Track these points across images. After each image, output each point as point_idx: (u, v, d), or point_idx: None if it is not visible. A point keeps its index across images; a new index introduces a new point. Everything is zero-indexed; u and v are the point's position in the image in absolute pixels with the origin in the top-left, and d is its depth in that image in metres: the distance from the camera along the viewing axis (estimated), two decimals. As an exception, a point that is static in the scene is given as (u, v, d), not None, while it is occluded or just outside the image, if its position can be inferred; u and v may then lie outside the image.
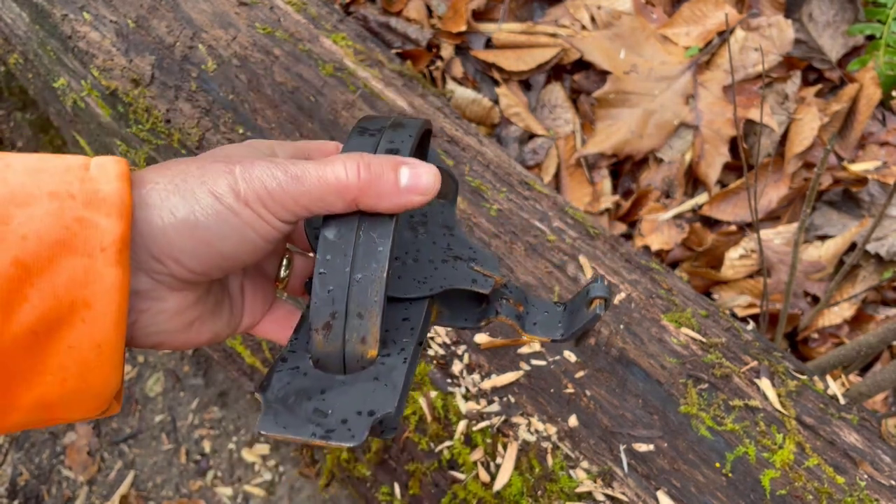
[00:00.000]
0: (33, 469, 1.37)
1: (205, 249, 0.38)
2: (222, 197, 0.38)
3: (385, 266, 0.38)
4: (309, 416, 0.36)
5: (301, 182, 0.38)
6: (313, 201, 0.39)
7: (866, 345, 0.96)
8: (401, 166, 0.40)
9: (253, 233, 0.39)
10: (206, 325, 0.43)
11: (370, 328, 0.38)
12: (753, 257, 1.30)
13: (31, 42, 1.12)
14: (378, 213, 0.40)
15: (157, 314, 0.40)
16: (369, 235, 0.39)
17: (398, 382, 0.38)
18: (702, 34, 1.42)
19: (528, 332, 0.46)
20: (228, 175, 0.39)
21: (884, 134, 1.40)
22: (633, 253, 0.99)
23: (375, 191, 0.38)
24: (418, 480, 0.85)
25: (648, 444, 0.79)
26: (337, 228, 0.40)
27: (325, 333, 0.39)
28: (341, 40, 1.10)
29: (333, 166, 0.39)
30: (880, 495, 0.77)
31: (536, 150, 1.41)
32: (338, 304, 0.38)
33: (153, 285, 0.39)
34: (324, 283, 0.39)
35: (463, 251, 0.48)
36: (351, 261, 0.39)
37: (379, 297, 0.38)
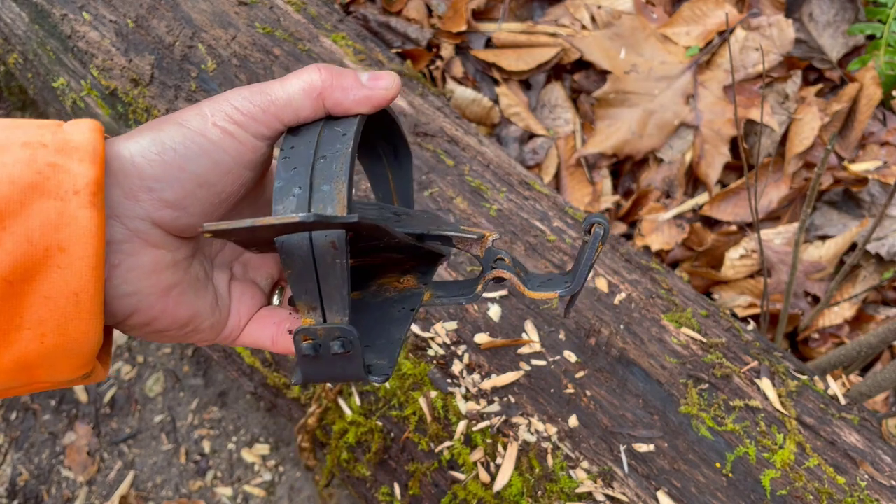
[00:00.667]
0: (33, 469, 1.37)
1: (176, 173, 0.38)
2: (187, 122, 0.38)
3: (350, 144, 0.38)
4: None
5: (266, 92, 0.39)
6: (281, 108, 0.39)
7: (867, 345, 0.96)
8: (359, 72, 0.42)
9: (223, 152, 0.39)
10: (186, 297, 0.42)
11: (337, 196, 0.36)
12: (754, 257, 1.30)
13: (31, 42, 1.12)
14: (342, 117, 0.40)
15: (130, 270, 0.38)
16: (333, 129, 0.39)
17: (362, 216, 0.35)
18: (702, 34, 1.42)
19: (531, 290, 0.45)
20: (194, 108, 0.39)
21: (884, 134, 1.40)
22: (633, 253, 0.99)
23: (339, 84, 0.40)
24: (418, 481, 0.85)
25: (648, 445, 0.79)
26: (302, 129, 0.40)
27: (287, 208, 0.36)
28: (341, 40, 1.10)
29: (296, 75, 0.40)
30: (881, 495, 0.77)
31: (536, 150, 1.41)
32: (301, 181, 0.37)
33: (127, 235, 0.38)
34: (287, 165, 0.38)
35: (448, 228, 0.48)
36: (315, 145, 0.38)
37: (345, 169, 0.37)
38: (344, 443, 0.90)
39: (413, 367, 0.84)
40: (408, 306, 0.45)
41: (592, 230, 0.43)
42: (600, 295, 0.90)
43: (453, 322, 0.86)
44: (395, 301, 0.46)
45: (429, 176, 0.97)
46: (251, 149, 0.40)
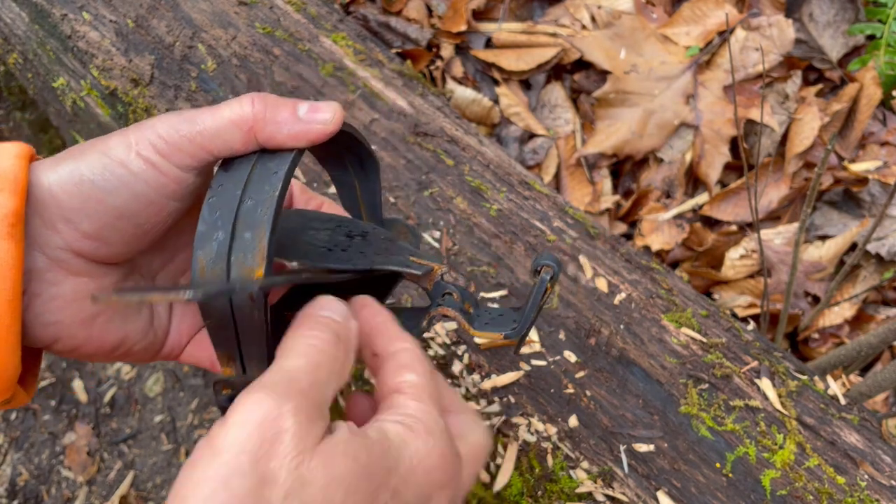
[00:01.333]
0: (33, 469, 1.37)
1: (94, 206, 0.36)
2: (110, 151, 0.36)
3: (279, 187, 0.35)
4: (155, 288, 0.33)
5: (195, 121, 0.37)
6: (210, 139, 0.37)
7: (867, 345, 0.96)
8: (299, 102, 0.39)
9: (144, 185, 0.37)
10: (113, 325, 0.40)
11: (257, 245, 0.34)
12: (754, 257, 1.30)
13: (31, 42, 1.12)
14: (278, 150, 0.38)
15: (51, 300, 0.37)
16: (266, 166, 0.37)
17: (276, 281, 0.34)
18: (702, 34, 1.42)
19: (477, 329, 0.44)
20: (120, 134, 0.37)
21: (884, 134, 1.40)
22: (633, 253, 0.99)
23: (273, 117, 0.37)
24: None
25: (648, 445, 0.79)
26: (234, 163, 0.37)
27: (208, 257, 0.35)
28: (341, 40, 1.10)
29: (228, 104, 0.38)
30: (881, 496, 0.77)
31: (536, 150, 1.41)
32: (224, 226, 0.35)
33: (48, 265, 0.37)
34: (212, 208, 0.36)
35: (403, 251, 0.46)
36: (243, 186, 0.36)
37: (269, 215, 0.35)
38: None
39: (413, 367, 0.84)
40: None
41: (541, 273, 0.41)
42: (600, 295, 0.90)
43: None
44: None
45: (429, 176, 0.97)
46: (175, 180, 0.37)
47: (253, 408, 0.32)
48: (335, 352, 0.37)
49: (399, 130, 1.01)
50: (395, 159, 0.99)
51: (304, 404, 0.33)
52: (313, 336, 0.36)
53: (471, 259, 0.91)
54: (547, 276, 0.41)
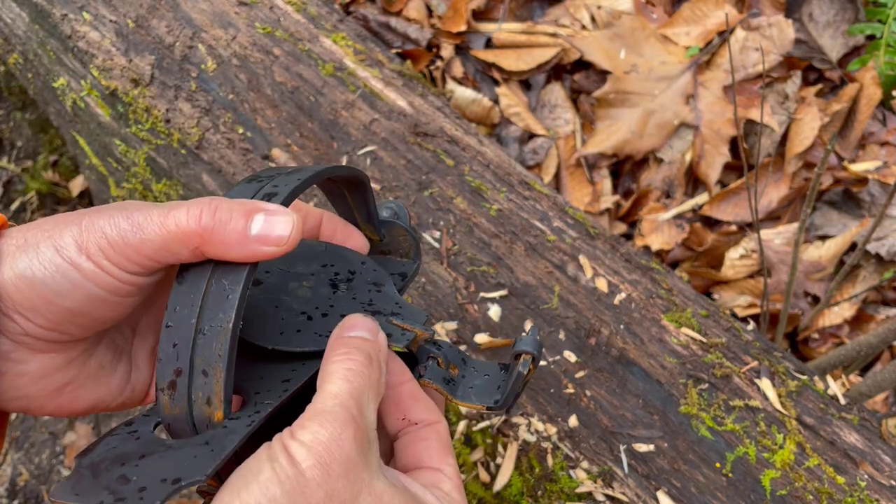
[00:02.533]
0: (33, 469, 1.37)
1: (46, 306, 0.35)
2: (63, 250, 0.35)
3: (232, 317, 0.35)
4: (110, 483, 0.32)
5: (142, 230, 0.35)
6: (156, 251, 0.35)
7: (866, 345, 0.96)
8: (255, 213, 0.36)
9: (97, 287, 0.36)
10: (82, 391, 0.40)
11: (214, 387, 0.34)
12: (754, 257, 1.30)
13: (31, 42, 1.12)
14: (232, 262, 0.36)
15: (18, 377, 0.37)
16: (220, 283, 0.36)
17: (226, 448, 0.33)
18: (702, 34, 1.42)
19: (459, 399, 0.43)
20: (75, 227, 0.36)
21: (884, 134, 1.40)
22: (633, 253, 0.99)
23: (220, 239, 0.35)
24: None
25: (648, 444, 0.79)
26: (188, 277, 0.36)
27: (170, 394, 0.35)
28: (341, 40, 1.10)
29: (177, 212, 0.35)
30: (880, 495, 0.77)
31: (536, 150, 1.41)
32: (182, 360, 0.35)
33: (12, 346, 0.36)
34: (169, 337, 0.35)
35: (386, 306, 0.44)
36: (198, 311, 0.35)
37: (224, 351, 0.34)
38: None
39: (413, 367, 0.84)
40: None
41: (520, 361, 0.41)
42: (600, 295, 0.90)
43: (453, 322, 0.86)
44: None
45: (429, 176, 0.97)
46: (127, 282, 0.36)
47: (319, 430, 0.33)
48: (371, 372, 0.37)
49: (399, 130, 1.01)
50: (395, 159, 0.99)
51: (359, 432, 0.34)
52: (349, 360, 0.37)
53: (471, 259, 0.91)
54: (524, 368, 0.40)
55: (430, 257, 0.90)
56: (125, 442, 0.35)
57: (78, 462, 0.34)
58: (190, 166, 1.00)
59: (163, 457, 0.33)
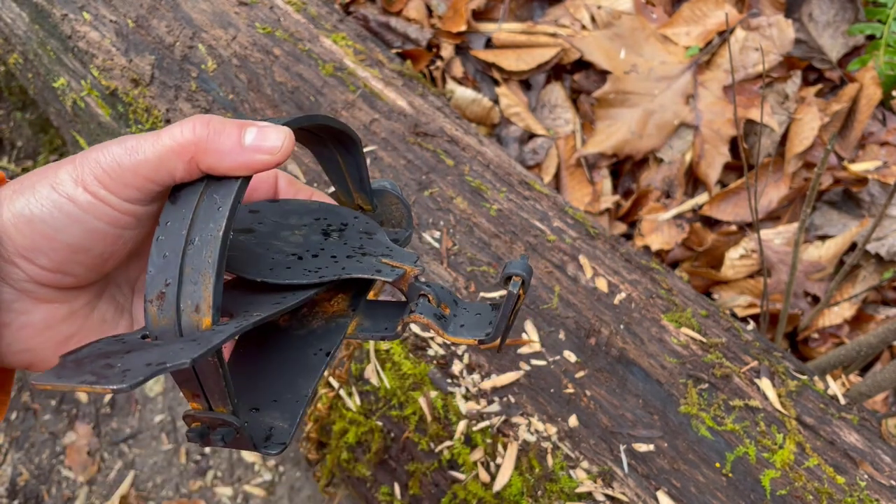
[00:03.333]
0: (33, 469, 1.37)
1: (47, 243, 0.36)
2: (59, 185, 0.35)
3: (223, 226, 0.35)
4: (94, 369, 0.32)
5: (136, 152, 0.35)
6: (152, 170, 0.35)
7: (866, 345, 0.96)
8: (247, 126, 0.37)
9: (96, 220, 0.36)
10: None
11: (203, 294, 0.34)
12: (754, 257, 1.30)
13: (31, 42, 1.12)
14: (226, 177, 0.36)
15: (22, 329, 0.37)
16: (212, 197, 0.36)
17: (213, 341, 0.33)
18: (702, 34, 1.42)
19: (450, 334, 0.43)
20: (70, 164, 0.36)
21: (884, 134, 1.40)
22: (633, 253, 0.99)
23: (215, 148, 0.35)
24: (418, 480, 0.85)
25: (648, 444, 0.79)
26: (180, 196, 0.37)
27: (158, 304, 0.35)
28: (341, 40, 1.10)
29: (170, 128, 0.36)
30: (880, 495, 0.77)
31: (536, 150, 1.41)
32: (171, 271, 0.35)
33: (16, 295, 0.36)
34: (160, 249, 0.35)
35: (377, 250, 0.45)
36: (189, 223, 0.35)
37: (213, 258, 0.34)
38: (344, 443, 0.90)
39: (413, 367, 0.84)
40: (325, 347, 0.43)
41: (510, 283, 0.41)
42: (600, 295, 0.90)
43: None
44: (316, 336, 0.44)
45: (429, 176, 0.97)
46: (126, 212, 0.37)
47: None
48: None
49: (399, 130, 1.01)
50: (395, 159, 0.99)
51: None
52: None
53: (471, 259, 0.91)
54: (515, 288, 0.40)
55: (430, 257, 0.90)
56: (111, 345, 0.35)
57: (62, 358, 0.34)
58: (190, 166, 1.00)
59: (149, 350, 0.33)
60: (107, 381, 0.30)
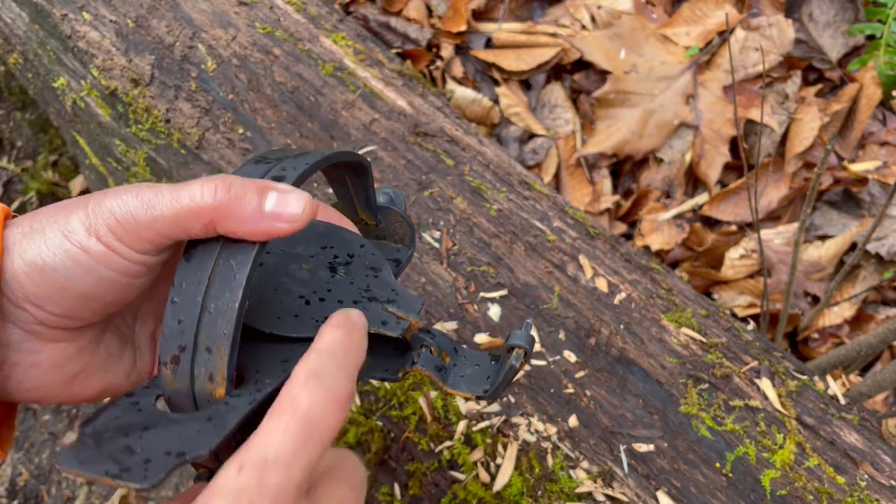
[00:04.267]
0: (33, 469, 1.37)
1: (58, 293, 0.35)
2: (71, 234, 0.35)
3: (239, 297, 0.35)
4: (114, 453, 0.32)
5: (153, 206, 0.35)
6: (168, 226, 0.35)
7: (866, 345, 0.96)
8: (268, 191, 0.36)
9: (108, 270, 0.36)
10: (93, 379, 0.40)
11: (218, 364, 0.35)
12: (754, 257, 1.30)
13: (31, 42, 1.12)
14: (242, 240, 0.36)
15: (31, 368, 0.37)
16: (228, 263, 0.36)
17: (229, 424, 0.34)
18: (702, 34, 1.42)
19: (450, 387, 0.43)
20: (82, 210, 0.36)
21: (884, 134, 1.40)
22: (633, 253, 0.99)
23: (235, 214, 0.35)
24: (418, 480, 0.85)
25: (648, 444, 0.79)
26: (196, 254, 0.36)
27: (173, 368, 0.35)
28: (341, 40, 1.10)
29: (190, 187, 0.35)
30: (881, 495, 0.77)
31: (536, 150, 1.41)
32: (186, 337, 0.35)
33: (23, 336, 0.36)
34: (175, 313, 0.35)
35: (382, 293, 0.45)
36: (205, 289, 0.35)
37: (229, 330, 0.35)
38: (344, 443, 0.90)
39: (413, 367, 0.84)
40: None
41: (512, 354, 0.41)
42: (600, 295, 0.90)
43: (453, 322, 0.86)
44: None
45: (429, 176, 0.97)
46: (138, 262, 0.37)
47: None
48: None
49: (399, 130, 1.01)
50: (395, 159, 0.99)
51: None
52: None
53: (471, 259, 0.91)
54: (517, 361, 0.41)
55: (430, 257, 0.90)
56: (128, 413, 0.35)
57: (81, 431, 0.34)
58: (190, 166, 1.00)
59: (166, 430, 0.34)
60: (129, 475, 0.31)
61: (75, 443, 0.33)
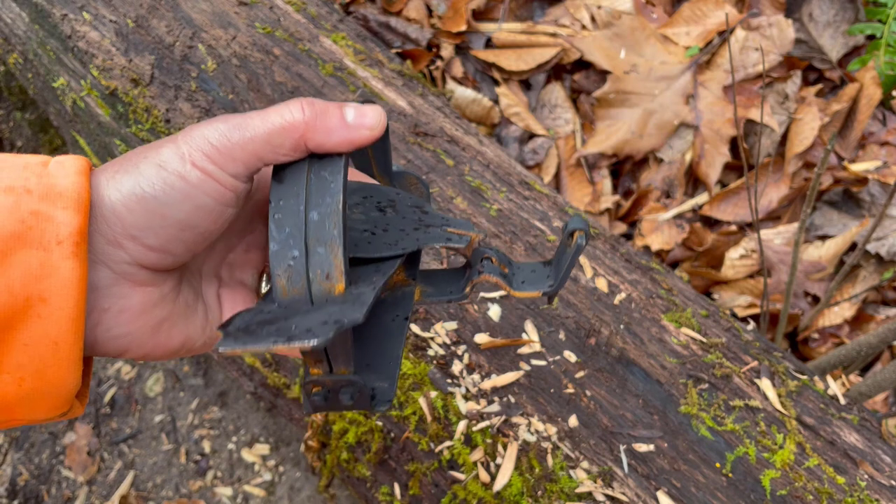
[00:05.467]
0: (33, 469, 1.37)
1: (159, 221, 0.37)
2: (166, 164, 0.37)
3: (340, 199, 0.37)
4: (271, 332, 0.34)
5: (245, 128, 0.37)
6: (260, 146, 0.37)
7: (866, 345, 0.96)
8: (345, 107, 0.39)
9: (204, 195, 0.37)
10: (176, 328, 0.42)
11: (333, 261, 0.36)
12: (754, 257, 1.30)
13: (31, 42, 1.12)
14: (326, 155, 0.39)
15: (120, 313, 0.38)
16: (320, 175, 0.38)
17: (367, 300, 0.35)
18: (702, 34, 1.42)
19: (516, 290, 0.47)
20: (171, 143, 0.38)
21: (884, 134, 1.40)
22: (633, 253, 0.99)
23: (323, 125, 0.38)
24: (418, 480, 0.85)
25: (648, 444, 0.79)
26: (287, 174, 0.39)
27: (287, 276, 0.36)
28: (341, 40, 1.10)
29: (277, 109, 0.38)
30: (880, 495, 0.77)
31: (536, 150, 1.41)
32: (296, 244, 0.37)
33: (114, 279, 0.37)
34: (280, 225, 0.37)
35: (435, 220, 0.48)
36: (304, 200, 0.37)
37: (338, 229, 0.37)
38: (344, 443, 0.90)
39: (413, 367, 0.84)
40: (402, 313, 0.45)
41: (574, 239, 0.44)
42: (600, 295, 0.90)
43: (453, 322, 0.86)
44: (388, 305, 0.46)
45: (429, 176, 0.97)
46: (231, 188, 0.38)
47: None
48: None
49: (399, 130, 1.01)
50: (395, 159, 0.99)
51: None
52: None
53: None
54: (582, 240, 0.43)
55: (431, 257, 0.90)
56: (260, 315, 0.36)
57: (224, 330, 0.35)
58: (190, 166, 1.00)
59: (309, 314, 0.35)
60: (299, 338, 0.32)
61: (225, 337, 0.34)
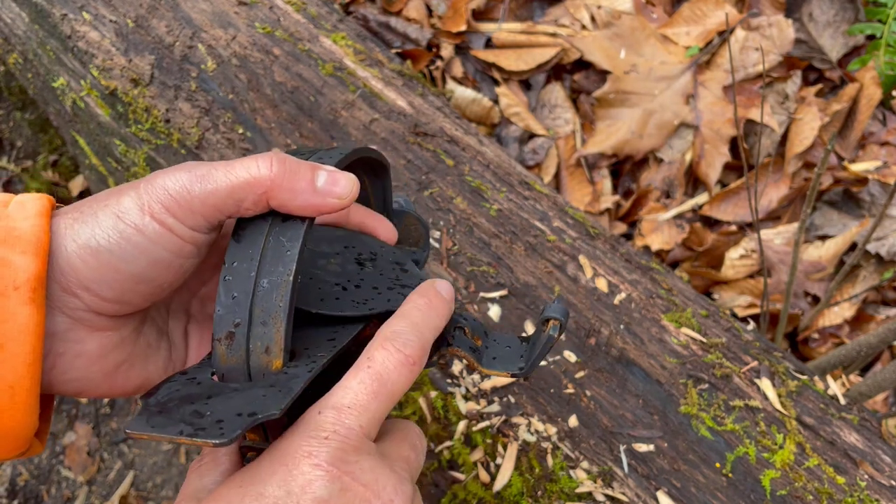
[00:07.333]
0: (33, 469, 1.37)
1: (112, 275, 0.36)
2: (124, 214, 0.35)
3: (292, 269, 0.36)
4: (184, 417, 0.32)
5: (207, 180, 0.36)
6: (222, 199, 0.36)
7: (866, 345, 0.96)
8: (319, 169, 0.37)
9: (162, 249, 0.36)
10: (135, 370, 0.41)
11: (274, 336, 0.35)
12: (754, 257, 1.30)
13: (31, 42, 1.12)
14: (291, 217, 0.37)
15: (76, 358, 0.37)
16: (279, 239, 0.37)
17: (293, 388, 0.34)
18: (702, 34, 1.42)
19: (485, 367, 0.44)
20: (133, 190, 0.36)
21: (884, 134, 1.40)
22: (633, 253, 0.99)
23: (290, 185, 0.36)
24: (418, 480, 0.85)
25: (648, 445, 0.79)
26: (245, 234, 0.37)
27: (227, 344, 0.35)
28: (341, 40, 1.10)
29: (245, 162, 0.36)
30: (880, 495, 0.77)
31: (536, 150, 1.41)
32: (241, 312, 0.35)
33: (70, 325, 0.37)
34: (228, 289, 0.36)
35: (412, 282, 0.46)
36: (258, 265, 0.36)
37: (284, 302, 0.35)
38: (344, 443, 0.90)
39: (413, 367, 0.84)
40: None
41: (549, 326, 0.42)
42: (600, 295, 0.90)
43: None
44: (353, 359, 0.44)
45: (429, 176, 0.97)
46: (190, 240, 0.37)
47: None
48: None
49: (399, 130, 1.01)
50: (395, 159, 0.99)
51: None
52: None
53: (471, 259, 0.91)
54: (555, 332, 0.42)
55: (431, 257, 0.90)
56: (187, 386, 0.35)
57: (144, 402, 0.34)
58: (190, 166, 1.00)
59: (231, 397, 0.34)
60: (205, 433, 0.31)
61: (141, 412, 0.33)
